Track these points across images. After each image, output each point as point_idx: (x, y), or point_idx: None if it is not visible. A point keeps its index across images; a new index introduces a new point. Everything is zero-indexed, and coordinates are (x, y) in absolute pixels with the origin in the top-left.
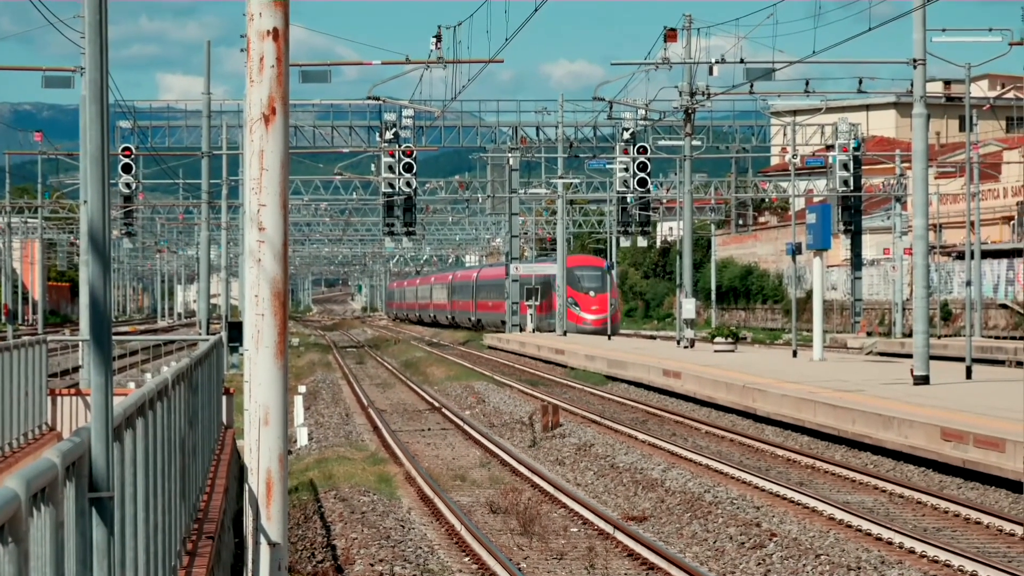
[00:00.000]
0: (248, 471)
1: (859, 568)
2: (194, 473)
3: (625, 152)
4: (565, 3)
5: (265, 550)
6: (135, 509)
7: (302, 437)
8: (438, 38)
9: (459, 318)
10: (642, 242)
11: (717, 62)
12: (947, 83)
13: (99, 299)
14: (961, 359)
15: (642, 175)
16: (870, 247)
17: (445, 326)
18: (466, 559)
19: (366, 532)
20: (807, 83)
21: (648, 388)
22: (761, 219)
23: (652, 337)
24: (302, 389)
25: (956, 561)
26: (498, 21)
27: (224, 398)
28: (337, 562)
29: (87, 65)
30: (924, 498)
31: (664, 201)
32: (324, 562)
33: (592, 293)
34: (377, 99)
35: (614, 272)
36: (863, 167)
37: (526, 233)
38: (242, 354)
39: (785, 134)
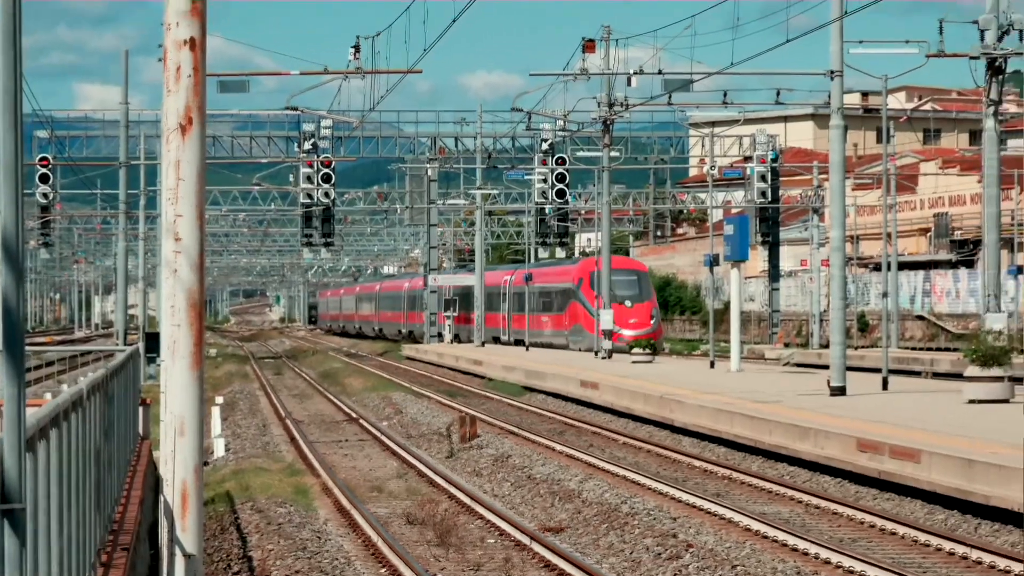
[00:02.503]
0: (164, 482)
1: None
2: (109, 484)
3: (543, 163)
4: (484, 14)
5: (180, 561)
6: (48, 520)
7: (219, 448)
8: (356, 48)
9: (419, 332)
10: (560, 253)
11: (635, 73)
12: (865, 95)
13: (12, 309)
14: (878, 370)
15: (560, 186)
16: (788, 258)
17: (396, 340)
18: (383, 570)
19: (282, 543)
20: (725, 94)
21: (566, 399)
22: (679, 230)
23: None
24: (219, 400)
25: (872, 572)
26: (416, 32)
27: (141, 409)
28: (253, 574)
29: (0, 73)
30: (840, 509)
31: (582, 212)
32: (240, 573)
33: (628, 303)
34: (295, 109)
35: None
36: (781, 178)
37: (444, 244)
38: (159, 365)
39: (703, 145)
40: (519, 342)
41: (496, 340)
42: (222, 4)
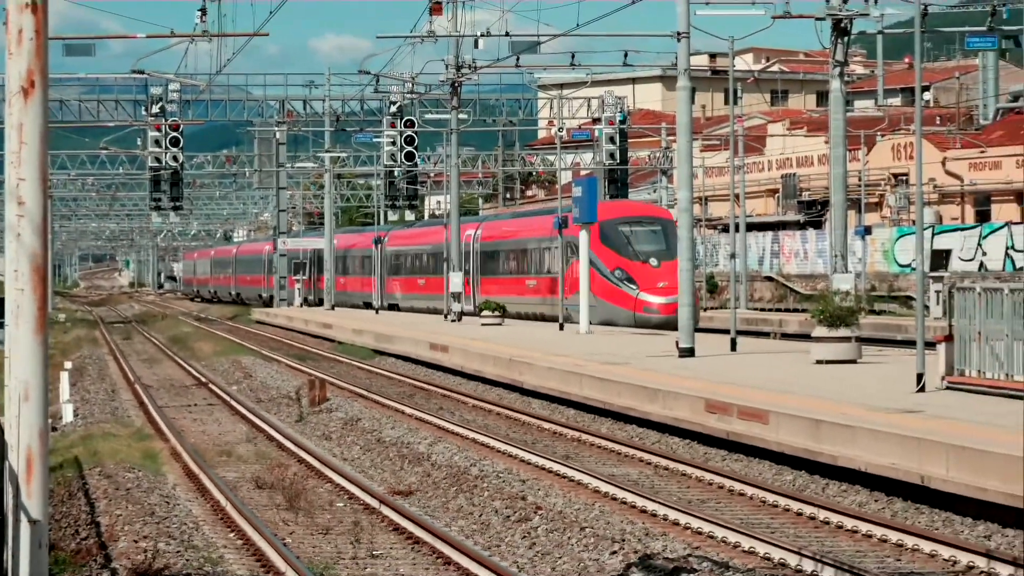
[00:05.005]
0: (8, 448)
1: (623, 540)
2: None
3: (392, 126)
4: None
5: (25, 527)
6: None
7: (67, 414)
8: (203, 11)
9: (339, 300)
10: (410, 216)
11: (482, 35)
12: (712, 56)
13: None
14: (727, 331)
15: (409, 149)
16: None
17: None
18: (231, 535)
19: (131, 509)
20: (573, 56)
21: (416, 362)
22: (528, 192)
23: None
24: (68, 365)
25: (720, 532)
26: None
27: None
28: (101, 539)
29: None
30: (689, 470)
31: (432, 174)
32: (88, 539)
33: (654, 260)
34: (142, 73)
35: None
36: (629, 140)
37: (294, 207)
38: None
39: (551, 107)
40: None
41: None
42: None
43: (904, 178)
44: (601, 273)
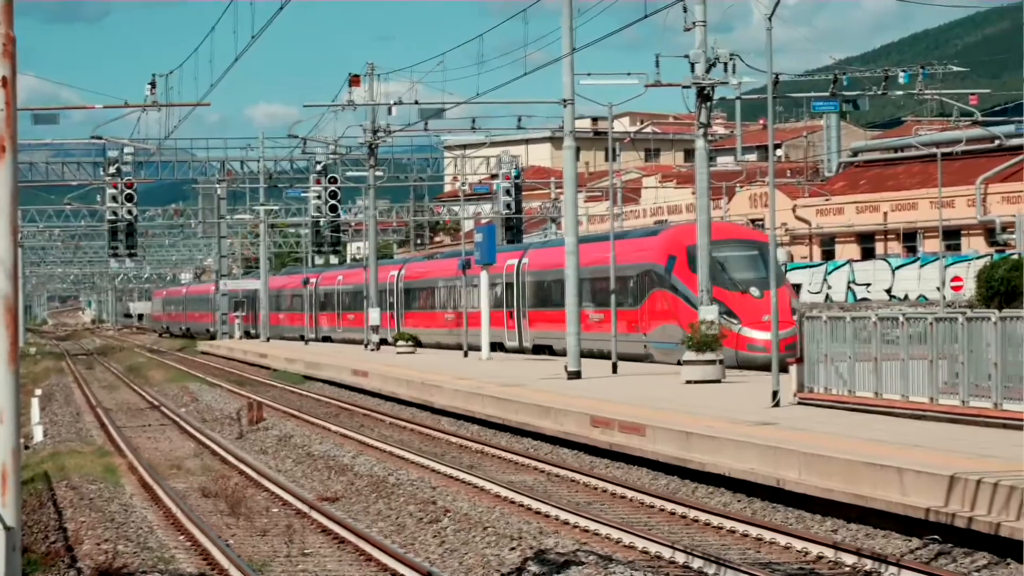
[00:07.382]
0: None
1: (520, 538)
2: None
3: (318, 182)
4: (263, 53)
5: (1, 533)
6: None
7: (38, 434)
8: (153, 84)
9: (330, 335)
10: (334, 260)
11: (395, 103)
12: (594, 120)
13: None
14: (609, 356)
15: (333, 202)
16: None
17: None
18: (181, 537)
19: (93, 516)
20: (473, 121)
21: (340, 386)
22: (436, 239)
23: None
24: (38, 392)
25: (604, 530)
26: (204, 70)
27: None
28: (68, 542)
29: None
30: (577, 477)
31: (353, 224)
32: (56, 543)
33: (756, 290)
34: (100, 138)
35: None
36: (523, 193)
37: (233, 253)
38: None
39: (456, 165)
40: (541, 348)
41: (500, 347)
42: (32, 44)
43: (760, 223)
44: (692, 305)
